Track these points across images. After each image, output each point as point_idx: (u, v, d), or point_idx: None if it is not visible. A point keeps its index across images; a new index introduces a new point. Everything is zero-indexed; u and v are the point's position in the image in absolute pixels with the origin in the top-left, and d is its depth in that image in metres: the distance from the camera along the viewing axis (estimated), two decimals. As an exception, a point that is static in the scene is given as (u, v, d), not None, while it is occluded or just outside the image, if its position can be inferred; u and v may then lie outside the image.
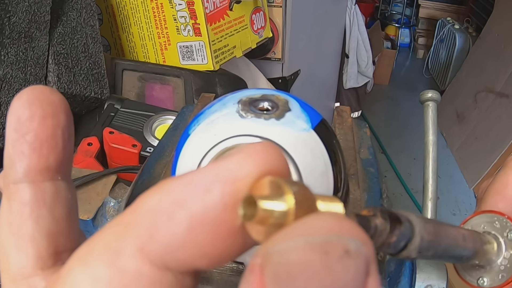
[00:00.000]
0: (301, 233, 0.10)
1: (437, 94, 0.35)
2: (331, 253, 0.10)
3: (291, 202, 0.12)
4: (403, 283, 0.32)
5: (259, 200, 0.12)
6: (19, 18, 0.56)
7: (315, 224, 0.11)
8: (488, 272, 0.25)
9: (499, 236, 0.25)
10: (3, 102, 0.54)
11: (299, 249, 0.10)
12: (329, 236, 0.10)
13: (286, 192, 0.12)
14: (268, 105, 0.25)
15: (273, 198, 0.12)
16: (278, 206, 0.12)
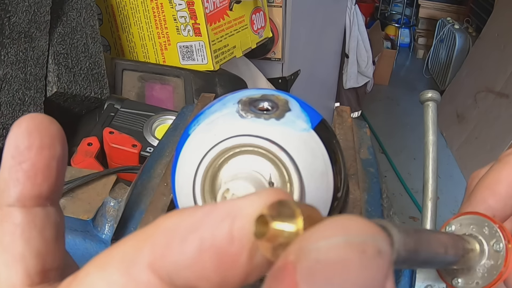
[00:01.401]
0: (339, 232, 0.11)
1: (437, 94, 0.35)
2: (368, 253, 0.10)
3: (300, 223, 0.12)
4: (403, 283, 0.32)
5: (271, 220, 0.12)
6: (19, 18, 0.56)
7: (350, 224, 0.11)
8: (465, 275, 0.25)
9: (485, 243, 0.24)
10: (3, 102, 0.54)
11: (340, 247, 0.10)
12: (366, 236, 0.11)
13: (296, 214, 0.12)
14: (268, 105, 0.25)
15: (283, 219, 0.12)
16: (288, 227, 0.12)
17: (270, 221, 0.12)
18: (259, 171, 0.24)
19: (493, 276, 0.24)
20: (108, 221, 0.36)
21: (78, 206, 0.36)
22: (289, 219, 0.13)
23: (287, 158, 0.23)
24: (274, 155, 0.23)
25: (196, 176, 0.24)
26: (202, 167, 0.24)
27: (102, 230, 0.35)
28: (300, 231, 0.12)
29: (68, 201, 0.36)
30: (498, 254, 0.24)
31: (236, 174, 0.23)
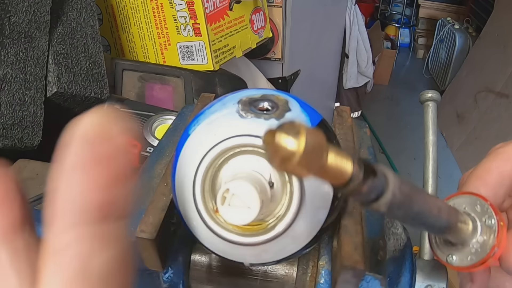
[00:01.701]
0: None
1: (437, 94, 0.35)
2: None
3: (302, 146, 0.14)
4: (403, 283, 0.32)
5: (279, 133, 0.14)
6: (19, 18, 0.56)
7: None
8: (459, 251, 0.26)
9: (478, 219, 0.25)
10: (3, 102, 0.54)
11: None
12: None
13: (301, 137, 0.14)
14: (268, 105, 0.25)
15: (290, 136, 0.14)
16: (290, 145, 0.14)
17: (277, 133, 0.14)
18: (259, 171, 0.24)
19: (486, 251, 0.25)
20: (108, 221, 0.35)
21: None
22: (294, 138, 0.14)
23: (287, 158, 0.23)
24: (274, 155, 0.23)
25: (196, 176, 0.24)
26: (202, 167, 0.24)
27: (102, 230, 0.35)
28: (299, 153, 0.14)
29: (68, 201, 0.36)
30: (490, 229, 0.25)
31: (236, 174, 0.23)
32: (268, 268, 0.31)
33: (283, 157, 0.14)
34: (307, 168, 0.15)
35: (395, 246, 0.31)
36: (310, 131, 0.14)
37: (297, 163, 0.14)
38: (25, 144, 0.57)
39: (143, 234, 0.27)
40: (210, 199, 0.24)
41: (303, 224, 0.24)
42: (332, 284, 0.29)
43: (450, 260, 0.26)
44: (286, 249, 0.25)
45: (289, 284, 0.31)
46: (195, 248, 0.32)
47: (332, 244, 0.30)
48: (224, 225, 0.24)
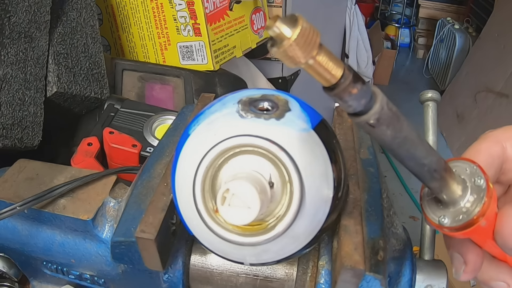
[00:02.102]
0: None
1: (437, 94, 0.35)
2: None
3: (294, 36, 0.16)
4: (403, 283, 0.32)
5: (279, 20, 0.16)
6: (19, 18, 0.56)
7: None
8: (451, 213, 0.26)
9: (467, 180, 0.26)
10: (3, 102, 0.54)
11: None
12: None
13: (297, 28, 0.16)
14: (268, 105, 0.25)
15: (287, 25, 0.16)
16: (285, 31, 0.16)
17: (277, 20, 0.16)
18: (259, 171, 0.24)
19: (477, 208, 0.25)
20: (108, 221, 0.36)
21: (78, 206, 0.36)
22: (290, 27, 0.16)
23: (287, 158, 0.23)
24: (274, 155, 0.23)
25: (196, 176, 0.24)
26: (202, 167, 0.24)
27: (102, 230, 0.35)
28: (290, 41, 0.16)
29: (68, 201, 0.36)
30: (479, 188, 0.26)
31: (236, 174, 0.23)
32: (268, 268, 0.31)
33: (278, 41, 0.17)
34: (298, 53, 0.17)
35: (395, 246, 0.31)
36: (308, 26, 0.17)
37: (289, 46, 0.16)
38: (25, 144, 0.57)
39: (143, 234, 0.27)
40: (210, 199, 0.24)
41: (303, 224, 0.24)
42: (332, 284, 0.29)
43: (442, 221, 0.27)
44: (286, 249, 0.25)
45: (289, 284, 0.31)
46: (195, 248, 0.32)
47: (332, 244, 0.30)
48: (224, 225, 0.24)
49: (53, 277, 0.39)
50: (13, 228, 0.38)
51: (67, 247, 0.36)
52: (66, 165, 0.40)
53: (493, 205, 0.25)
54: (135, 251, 0.29)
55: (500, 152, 0.28)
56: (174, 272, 0.32)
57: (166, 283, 0.32)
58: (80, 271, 0.37)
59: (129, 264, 0.31)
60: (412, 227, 1.48)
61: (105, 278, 0.37)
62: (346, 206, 0.29)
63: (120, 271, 0.35)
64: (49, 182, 0.38)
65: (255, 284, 0.31)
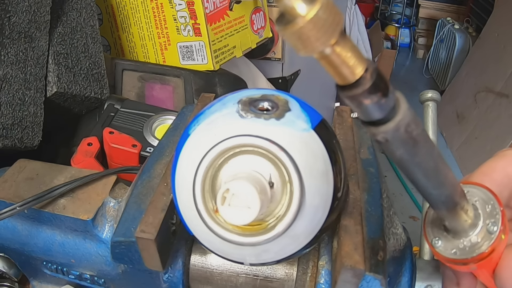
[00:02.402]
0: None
1: (437, 94, 0.35)
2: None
3: (310, 14, 0.13)
4: (403, 283, 0.32)
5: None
6: (19, 18, 0.56)
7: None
8: (447, 240, 0.25)
9: (482, 219, 0.24)
10: (3, 102, 0.54)
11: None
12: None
13: (316, 4, 0.13)
14: (268, 105, 0.25)
15: (304, 1, 0.13)
16: (299, 7, 0.13)
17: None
18: (259, 171, 0.24)
19: (472, 254, 0.23)
20: (108, 221, 0.36)
21: (78, 206, 0.36)
22: (307, 3, 0.13)
23: (287, 158, 0.23)
24: (274, 155, 0.23)
25: (196, 176, 0.24)
26: (202, 167, 0.24)
27: (102, 230, 0.35)
28: (304, 19, 0.13)
29: (68, 201, 0.36)
30: (488, 235, 0.23)
31: (236, 174, 0.23)
32: (268, 268, 0.31)
33: (288, 18, 0.13)
34: (312, 37, 0.13)
35: (395, 246, 0.31)
36: (330, 4, 0.13)
37: (302, 27, 0.13)
38: (25, 144, 0.57)
39: (143, 234, 0.27)
40: (210, 199, 0.24)
41: (303, 224, 0.24)
42: (332, 284, 0.29)
43: (435, 242, 0.25)
44: (286, 249, 0.25)
45: (289, 284, 0.31)
46: (195, 248, 0.32)
47: (332, 244, 0.30)
48: (224, 225, 0.24)
49: (53, 277, 0.39)
50: (13, 228, 0.38)
51: (67, 247, 0.36)
52: (66, 165, 0.40)
53: (504, 243, 0.23)
54: (135, 251, 0.29)
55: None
56: (174, 272, 0.32)
57: (166, 283, 0.32)
58: (80, 271, 0.37)
59: (129, 264, 0.31)
60: (412, 227, 1.48)
61: (105, 278, 0.37)
62: (346, 206, 0.29)
63: (120, 271, 0.35)
64: (49, 182, 0.38)
65: (255, 284, 0.31)
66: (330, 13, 0.13)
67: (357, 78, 0.15)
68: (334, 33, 0.14)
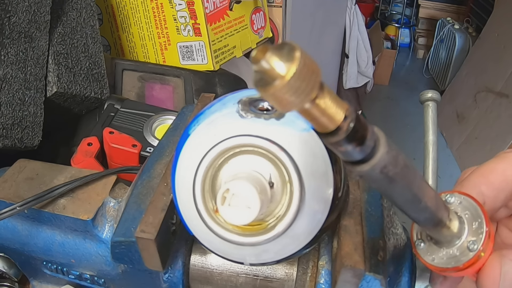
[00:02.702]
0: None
1: (437, 94, 0.35)
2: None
3: (289, 74, 0.12)
4: (403, 283, 0.32)
5: (270, 52, 0.12)
6: (19, 18, 0.56)
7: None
8: (429, 245, 0.25)
9: (465, 235, 0.24)
10: (3, 102, 0.54)
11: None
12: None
13: (294, 63, 0.12)
14: (268, 105, 0.25)
15: (281, 58, 0.12)
16: (278, 68, 0.12)
17: (268, 52, 0.12)
18: (259, 171, 0.24)
19: (447, 265, 0.24)
20: (108, 221, 0.36)
21: (78, 206, 0.36)
22: (285, 61, 0.12)
23: (287, 158, 0.23)
24: (274, 155, 0.23)
25: (196, 176, 0.24)
26: (202, 167, 0.24)
27: (102, 230, 0.35)
28: (284, 81, 0.12)
29: (68, 201, 0.36)
30: (467, 252, 0.23)
31: (236, 174, 0.23)
32: (268, 268, 0.31)
33: (267, 79, 0.12)
34: (293, 96, 0.13)
35: (395, 246, 0.31)
36: (307, 59, 0.13)
37: (282, 88, 0.12)
38: (25, 144, 0.57)
39: (143, 234, 0.27)
40: (210, 199, 0.24)
41: (303, 224, 0.24)
42: (332, 284, 0.29)
43: (418, 243, 0.25)
44: (286, 249, 0.25)
45: (289, 284, 0.31)
46: (195, 248, 0.32)
47: (332, 244, 0.30)
48: (224, 225, 0.24)
49: (53, 277, 0.39)
50: (13, 228, 0.38)
51: (67, 247, 0.36)
52: (66, 165, 0.40)
53: (491, 246, 0.24)
54: (135, 251, 0.29)
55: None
56: (174, 272, 0.32)
57: (166, 283, 0.32)
58: (80, 271, 0.37)
59: (129, 264, 0.31)
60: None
61: (105, 278, 0.37)
62: (346, 206, 0.29)
63: (120, 271, 0.35)
64: (49, 182, 0.38)
65: (255, 284, 0.31)
66: (309, 67, 0.13)
67: (336, 126, 0.15)
68: (314, 88, 0.14)
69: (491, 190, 0.25)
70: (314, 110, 0.14)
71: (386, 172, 0.17)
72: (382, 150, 0.16)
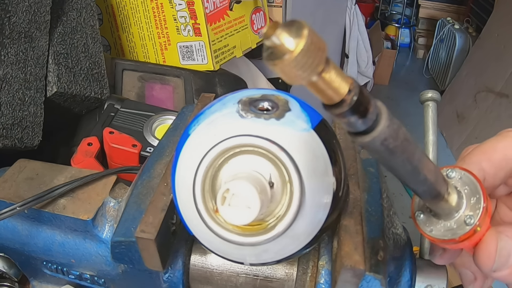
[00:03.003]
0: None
1: (437, 94, 0.35)
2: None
3: (298, 49, 0.13)
4: (403, 283, 0.32)
5: (280, 28, 0.14)
6: (19, 18, 0.56)
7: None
8: (428, 217, 0.26)
9: (463, 209, 0.25)
10: (3, 102, 0.54)
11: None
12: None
13: (302, 38, 0.13)
14: (268, 105, 0.25)
15: (290, 34, 0.14)
16: (287, 43, 0.14)
17: (278, 29, 0.14)
18: (259, 171, 0.24)
19: (444, 237, 0.25)
20: (108, 221, 0.36)
21: (78, 206, 0.36)
22: (294, 37, 0.13)
23: (287, 158, 0.23)
24: (274, 155, 0.23)
25: (196, 176, 0.24)
26: (202, 167, 0.24)
27: (102, 230, 0.35)
28: (293, 56, 0.13)
29: (68, 201, 0.36)
30: (464, 226, 0.24)
31: (236, 174, 0.23)
32: (268, 268, 0.31)
33: (277, 53, 0.14)
34: (300, 70, 0.14)
35: (395, 246, 0.31)
36: (315, 37, 0.14)
37: (291, 61, 0.14)
38: (25, 144, 0.57)
39: (143, 234, 0.27)
40: (210, 199, 0.24)
41: (303, 224, 0.24)
42: (332, 284, 0.29)
43: (417, 215, 0.26)
44: (286, 249, 0.25)
45: (289, 284, 0.31)
46: (195, 248, 0.32)
47: (332, 244, 0.30)
48: (224, 225, 0.24)
49: (53, 277, 0.39)
50: (13, 228, 0.38)
51: (67, 247, 0.36)
52: (66, 165, 0.40)
53: (487, 221, 0.25)
54: (135, 251, 0.29)
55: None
56: (174, 272, 0.32)
57: (166, 283, 0.32)
58: (80, 271, 0.37)
59: (129, 264, 0.31)
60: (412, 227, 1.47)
61: (105, 278, 0.37)
62: (346, 206, 0.29)
63: (120, 271, 0.35)
64: (49, 182, 0.38)
65: (255, 284, 0.31)
66: (316, 43, 0.14)
67: (341, 98, 0.16)
68: (321, 63, 0.15)
69: (491, 167, 0.26)
70: (320, 83, 0.16)
71: (386, 144, 0.18)
72: (383, 123, 0.17)
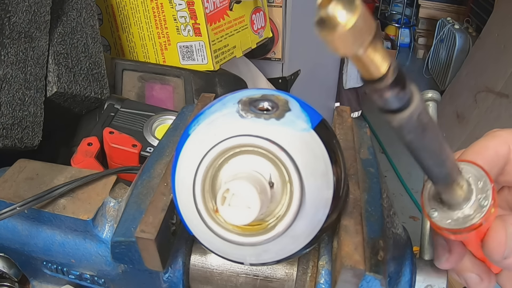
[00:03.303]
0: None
1: (437, 94, 0.35)
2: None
3: (350, 23, 0.14)
4: (403, 283, 0.32)
5: (335, 1, 0.14)
6: (19, 18, 0.56)
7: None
8: (443, 211, 0.27)
9: (475, 194, 0.26)
10: (3, 102, 0.54)
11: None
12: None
13: (355, 13, 0.14)
14: (268, 105, 0.25)
15: (344, 7, 0.14)
16: (340, 16, 0.14)
17: (333, 1, 0.14)
18: (259, 171, 0.24)
19: (465, 224, 0.25)
20: (108, 221, 0.36)
21: (78, 206, 0.36)
22: (347, 11, 0.14)
23: (287, 158, 0.23)
24: (274, 155, 0.23)
25: (196, 176, 0.24)
26: (202, 167, 0.24)
27: (102, 230, 0.35)
28: (345, 27, 0.14)
29: (68, 201, 0.36)
30: (480, 209, 0.25)
31: (236, 174, 0.23)
32: (268, 268, 0.31)
33: (328, 24, 0.14)
34: (349, 43, 0.15)
35: (395, 246, 0.31)
36: (366, 13, 0.15)
37: (341, 34, 0.14)
38: (25, 144, 0.57)
39: (143, 234, 0.27)
40: (210, 199, 0.24)
41: (303, 224, 0.24)
42: (332, 284, 0.29)
43: (431, 213, 0.27)
44: (286, 249, 0.25)
45: (289, 284, 0.31)
46: (195, 248, 0.32)
47: (332, 244, 0.30)
48: (224, 225, 0.24)
49: (53, 277, 0.39)
50: (13, 228, 0.38)
51: (67, 247, 0.36)
52: (66, 165, 0.40)
53: (494, 215, 0.26)
54: (135, 251, 0.29)
55: (506, 153, 0.28)
56: (174, 272, 0.32)
57: (166, 283, 0.32)
58: (80, 271, 0.37)
59: (129, 264, 0.31)
60: (412, 227, 1.48)
61: (105, 278, 0.37)
62: (346, 206, 0.29)
63: (120, 271, 0.35)
64: (49, 182, 0.38)
65: (255, 284, 0.31)
66: (366, 20, 0.15)
67: (382, 74, 0.17)
68: (368, 38, 0.16)
69: (485, 164, 0.27)
70: (365, 57, 0.16)
71: (421, 119, 0.19)
72: (418, 97, 0.18)
